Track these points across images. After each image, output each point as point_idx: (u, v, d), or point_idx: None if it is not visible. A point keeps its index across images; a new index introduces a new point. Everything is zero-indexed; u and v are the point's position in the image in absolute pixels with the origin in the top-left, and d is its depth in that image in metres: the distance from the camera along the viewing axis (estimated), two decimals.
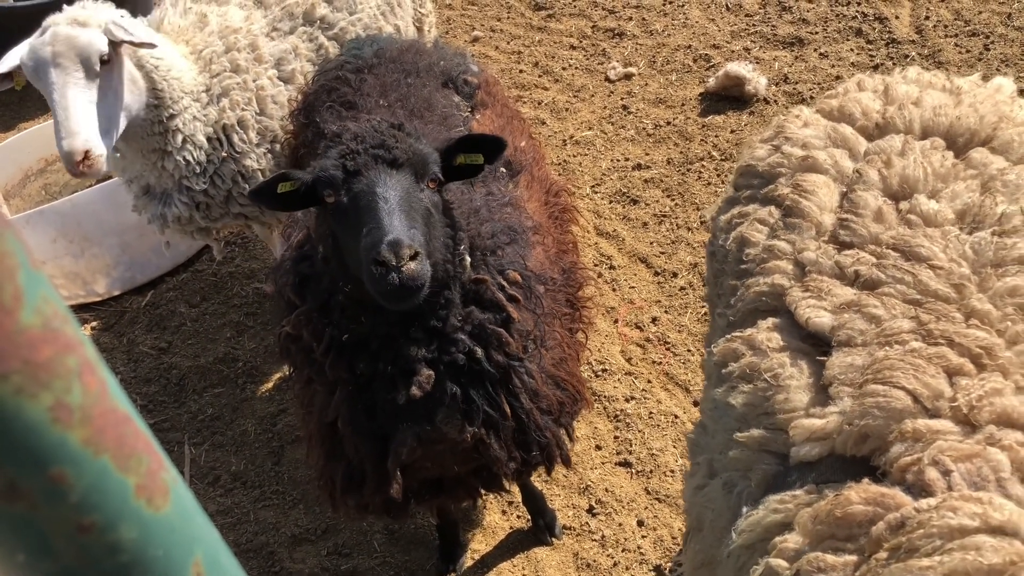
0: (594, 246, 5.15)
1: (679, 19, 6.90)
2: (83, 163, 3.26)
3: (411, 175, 2.33)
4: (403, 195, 2.25)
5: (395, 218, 2.18)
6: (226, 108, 3.87)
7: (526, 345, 2.63)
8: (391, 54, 3.57)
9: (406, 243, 2.12)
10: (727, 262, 2.34)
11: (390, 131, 2.37)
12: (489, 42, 7.11)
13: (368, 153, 2.30)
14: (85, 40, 3.30)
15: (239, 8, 4.10)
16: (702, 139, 5.76)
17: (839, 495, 1.54)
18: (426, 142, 2.44)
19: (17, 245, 0.46)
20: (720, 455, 1.99)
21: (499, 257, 2.60)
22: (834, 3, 6.64)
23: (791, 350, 1.88)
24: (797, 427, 1.72)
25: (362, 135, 2.35)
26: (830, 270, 1.95)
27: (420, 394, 2.45)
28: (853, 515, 1.49)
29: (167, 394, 4.76)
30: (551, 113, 6.24)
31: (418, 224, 2.25)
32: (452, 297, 2.46)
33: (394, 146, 2.31)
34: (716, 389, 2.07)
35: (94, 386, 0.50)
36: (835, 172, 2.20)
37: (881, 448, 1.57)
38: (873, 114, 2.31)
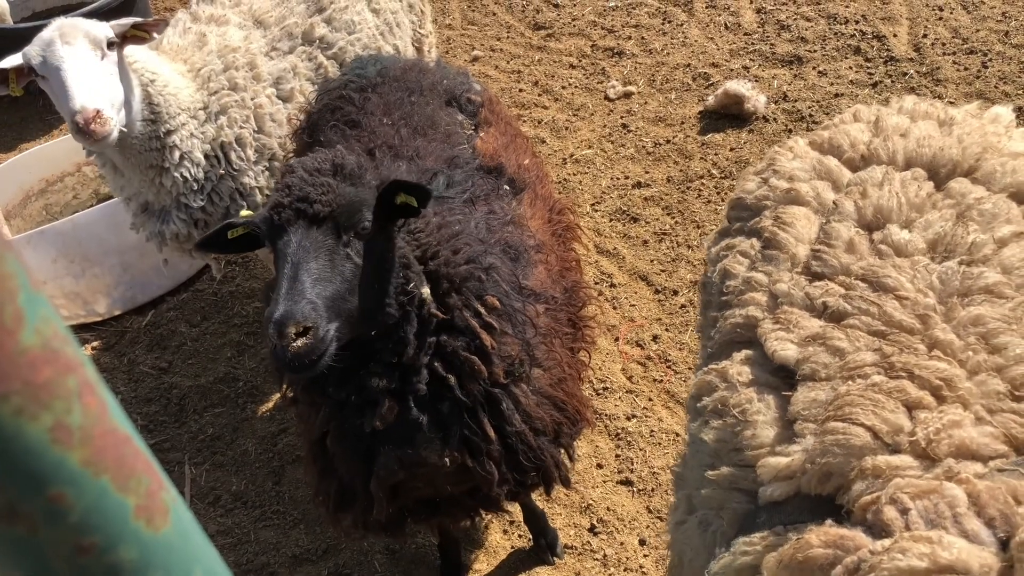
0: (595, 264, 5.15)
1: (678, 38, 6.93)
2: (95, 120, 3.21)
3: (332, 230, 2.29)
4: (316, 256, 2.24)
5: (294, 288, 2.16)
6: (224, 126, 3.89)
7: (510, 370, 2.61)
8: (394, 73, 3.59)
9: (294, 320, 2.11)
10: (712, 294, 2.35)
11: (321, 179, 2.33)
12: (489, 61, 7.15)
13: (291, 207, 2.28)
14: (91, 23, 3.38)
15: (238, 28, 4.13)
16: (702, 157, 5.78)
17: (800, 539, 1.52)
18: (370, 179, 2.41)
19: (17, 266, 0.46)
20: (696, 491, 1.97)
21: (480, 282, 2.57)
22: (832, 21, 6.67)
23: (759, 384, 1.86)
24: (764, 465, 1.70)
25: (290, 185, 2.32)
26: (800, 302, 1.94)
27: (381, 425, 2.47)
28: (814, 559, 1.47)
29: (167, 414, 4.75)
30: (551, 132, 6.26)
31: (329, 286, 2.23)
32: (406, 334, 2.44)
33: (316, 199, 2.27)
34: (692, 423, 2.06)
35: (94, 406, 0.50)
36: (816, 204, 2.20)
37: (844, 486, 1.55)
38: (860, 145, 2.31)
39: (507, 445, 2.66)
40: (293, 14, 4.26)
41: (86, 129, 3.20)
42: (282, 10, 4.26)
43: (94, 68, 3.31)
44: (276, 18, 4.22)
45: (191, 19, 4.17)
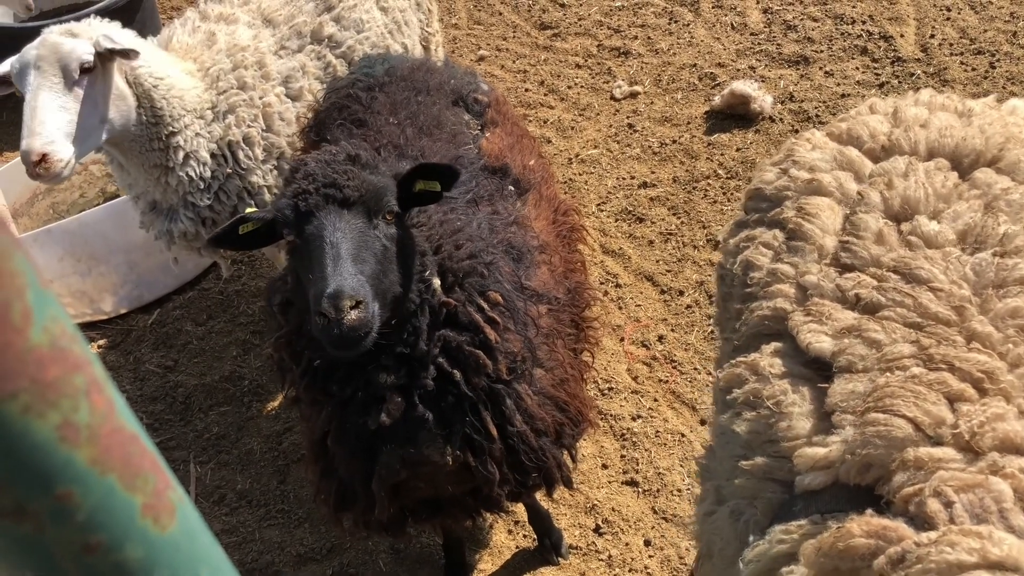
0: (600, 264, 5.15)
1: (684, 38, 6.92)
2: (39, 165, 3.26)
3: (363, 213, 2.31)
4: (352, 237, 2.25)
5: (340, 266, 2.18)
6: (232, 125, 3.89)
7: (513, 367, 2.61)
8: (402, 72, 3.59)
9: (347, 294, 2.12)
10: (733, 286, 2.33)
11: (342, 167, 2.35)
12: (495, 61, 7.15)
13: (319, 193, 2.29)
14: (68, 47, 3.35)
15: (247, 27, 4.13)
16: (708, 157, 5.77)
17: (841, 527, 1.52)
18: (385, 169, 2.43)
19: (26, 264, 0.46)
20: (727, 482, 1.97)
21: (483, 277, 2.58)
22: (839, 22, 6.66)
23: (793, 376, 1.86)
24: (801, 456, 1.70)
25: (313, 173, 2.33)
26: (831, 294, 1.94)
27: (389, 421, 2.46)
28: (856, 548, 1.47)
29: (173, 412, 4.76)
30: (557, 132, 6.26)
31: (367, 265, 2.25)
32: (419, 324, 2.45)
33: (345, 184, 2.30)
34: (722, 415, 2.06)
35: (101, 405, 0.50)
36: (839, 195, 2.20)
37: (884, 477, 1.56)
38: (880, 136, 2.30)
39: (509, 445, 2.66)
40: (302, 12, 4.26)
41: (31, 172, 3.28)
42: (291, 8, 4.26)
43: (56, 101, 3.33)
44: (285, 16, 4.23)
45: (200, 17, 4.18)
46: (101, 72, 3.45)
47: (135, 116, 3.62)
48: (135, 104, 3.60)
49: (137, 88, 3.61)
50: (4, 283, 0.44)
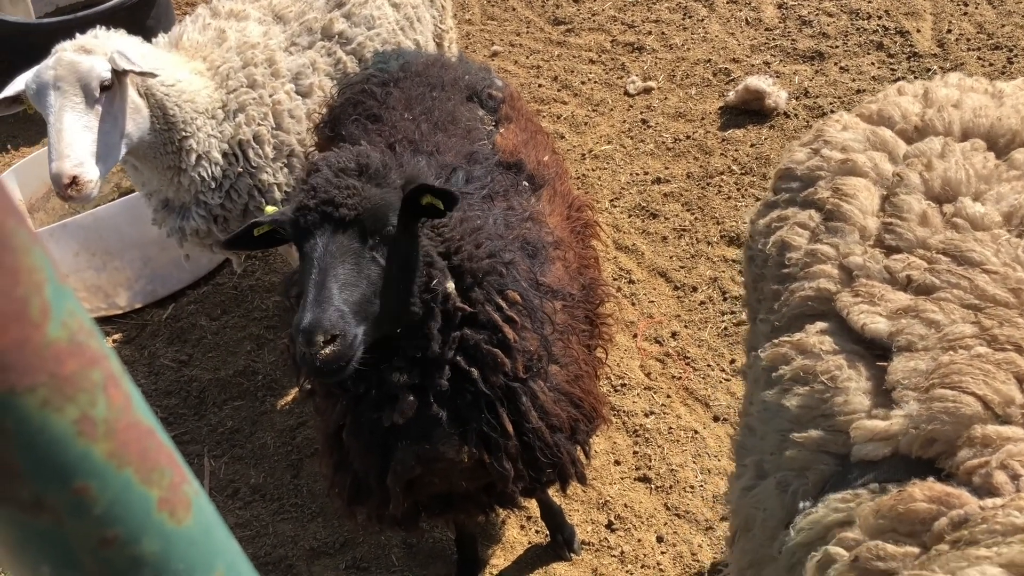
0: (613, 260, 5.14)
1: (699, 33, 6.90)
2: (71, 187, 3.29)
3: (358, 234, 2.30)
4: (343, 261, 2.25)
5: (322, 295, 2.18)
6: (242, 124, 3.90)
7: (529, 365, 2.61)
8: (417, 68, 3.59)
9: (322, 328, 2.14)
10: (767, 267, 2.34)
11: (347, 181, 2.33)
12: (508, 56, 7.14)
13: (317, 210, 2.28)
14: (87, 66, 3.35)
15: (258, 24, 4.14)
16: (722, 153, 5.75)
17: (903, 491, 1.55)
18: (395, 178, 2.41)
19: (44, 260, 0.47)
20: (771, 456, 2.00)
21: (501, 276, 2.58)
22: (854, 17, 6.62)
23: (846, 353, 1.89)
24: (859, 428, 1.73)
25: (315, 187, 2.32)
26: (879, 275, 1.95)
27: (401, 420, 2.48)
28: (916, 511, 1.50)
29: (187, 407, 4.79)
30: (570, 127, 6.25)
31: (356, 291, 2.24)
32: (430, 331, 2.45)
33: (343, 202, 2.27)
34: (766, 392, 2.08)
35: (118, 399, 0.51)
36: (875, 175, 2.20)
37: (948, 452, 1.58)
38: (912, 117, 2.29)
39: (524, 442, 2.66)
40: (313, 9, 4.26)
41: (63, 195, 3.32)
42: (302, 5, 4.26)
43: (79, 121, 3.35)
44: (296, 13, 4.23)
45: (211, 14, 4.19)
46: (118, 88, 3.47)
47: (149, 125, 3.63)
48: (148, 114, 3.62)
49: (149, 99, 3.62)
50: (23, 279, 0.44)
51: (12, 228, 0.44)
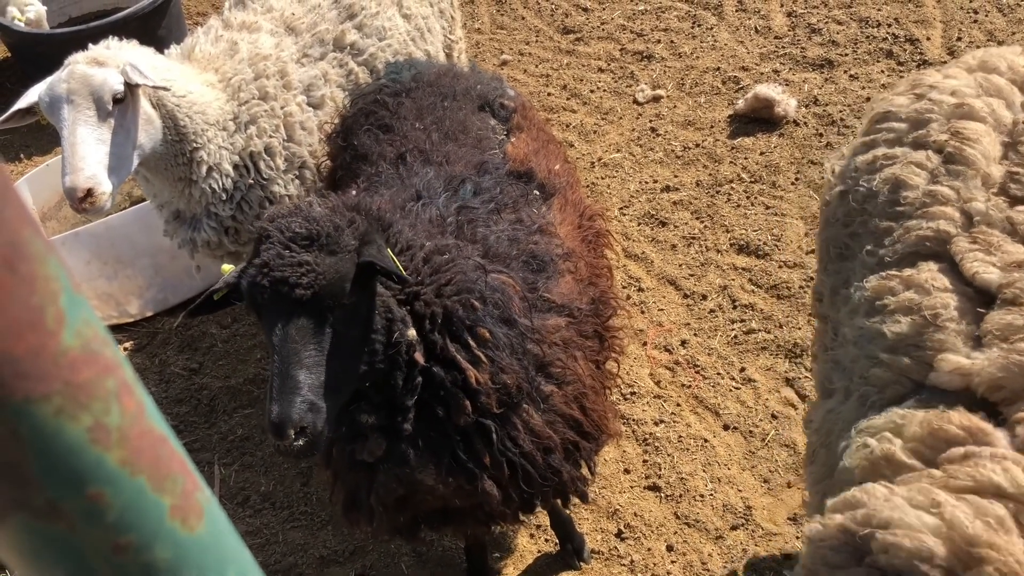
0: (623, 268, 5.14)
1: (708, 41, 6.90)
2: (85, 200, 3.30)
3: (316, 310, 2.24)
4: (303, 345, 2.22)
5: (285, 385, 2.18)
6: (253, 136, 3.91)
7: (506, 400, 2.55)
8: (429, 78, 3.60)
9: (291, 422, 2.16)
10: (874, 202, 2.36)
11: (297, 258, 2.23)
12: (518, 65, 7.16)
13: (272, 288, 2.22)
14: (100, 79, 3.35)
15: (270, 35, 4.16)
16: (731, 161, 5.75)
17: (946, 412, 1.66)
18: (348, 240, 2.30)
19: (60, 269, 0.47)
20: (859, 379, 2.09)
21: (474, 310, 2.51)
22: (864, 25, 6.61)
23: (954, 293, 1.95)
24: (943, 359, 1.82)
25: (267, 264, 2.24)
26: (1000, 224, 1.98)
27: (371, 459, 2.51)
28: (946, 432, 1.62)
29: (198, 414, 4.81)
30: (579, 135, 6.26)
31: (318, 372, 2.23)
32: (395, 381, 2.45)
33: (297, 283, 2.20)
34: (867, 319, 2.14)
35: (132, 407, 0.51)
36: (993, 121, 2.20)
37: (1009, 400, 1.67)
38: (1020, 68, 2.30)
39: (511, 466, 2.64)
40: (324, 20, 4.28)
41: (77, 208, 3.33)
42: (314, 16, 4.28)
43: (93, 135, 3.35)
44: (308, 24, 4.24)
45: (223, 26, 4.21)
46: (131, 100, 3.48)
47: (161, 136, 3.65)
48: (160, 125, 3.63)
49: (161, 110, 3.62)
50: (39, 287, 0.45)
51: (28, 237, 0.45)
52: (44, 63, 4.43)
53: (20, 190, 5.41)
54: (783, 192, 5.42)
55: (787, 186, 5.46)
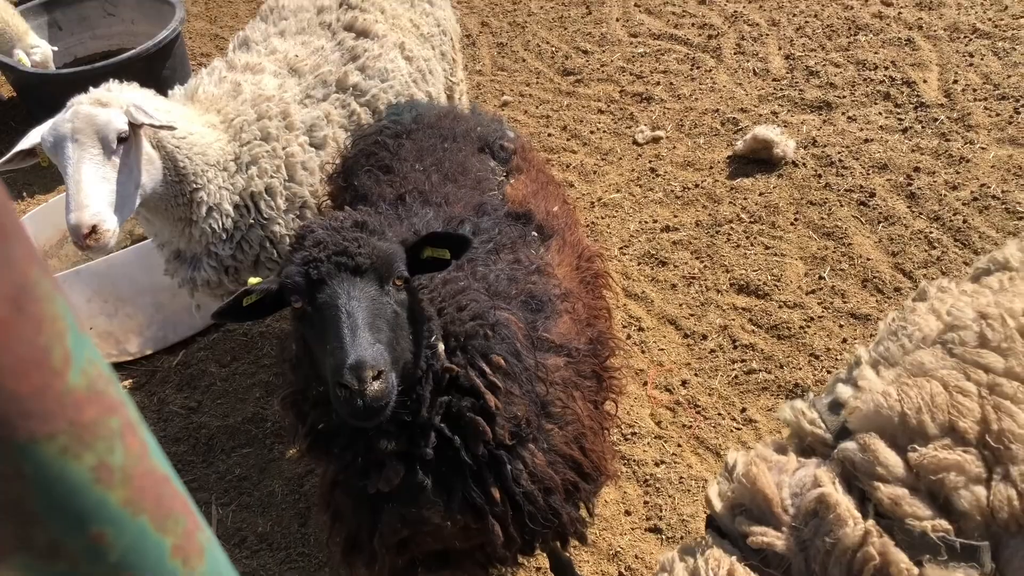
0: (623, 308, 5.14)
1: (706, 84, 6.97)
2: (90, 237, 3.29)
3: (375, 279, 2.29)
4: (367, 305, 2.23)
5: (358, 335, 2.15)
6: (254, 176, 3.93)
7: (516, 431, 2.55)
8: (429, 120, 3.63)
9: (369, 364, 2.10)
10: None
11: (352, 234, 2.32)
12: (518, 106, 7.22)
13: (331, 261, 2.26)
14: (104, 118, 3.38)
15: (273, 76, 4.20)
16: (731, 201, 5.78)
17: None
18: (392, 235, 2.41)
19: (66, 308, 0.48)
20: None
21: (486, 339, 2.53)
22: (861, 68, 6.69)
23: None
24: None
25: (323, 241, 2.31)
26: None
27: (387, 488, 2.44)
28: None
29: (195, 454, 4.78)
30: (579, 176, 6.30)
31: (383, 334, 2.22)
32: (423, 392, 2.42)
33: (356, 252, 2.27)
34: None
35: (135, 447, 0.51)
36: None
37: None
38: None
39: (515, 504, 2.61)
40: (328, 62, 4.33)
41: (81, 244, 3.32)
42: (317, 58, 4.33)
43: (97, 173, 3.37)
44: (311, 66, 4.29)
45: (227, 67, 4.25)
46: (134, 140, 3.50)
47: (161, 177, 3.66)
48: (161, 165, 3.65)
49: (161, 150, 3.65)
50: (46, 327, 0.45)
51: (36, 277, 0.45)
52: (49, 102, 4.48)
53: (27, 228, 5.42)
54: (782, 232, 5.44)
55: (786, 226, 5.48)
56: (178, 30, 7.26)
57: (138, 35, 7.95)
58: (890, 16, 7.19)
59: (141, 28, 8.05)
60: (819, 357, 4.59)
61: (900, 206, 5.40)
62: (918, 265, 4.97)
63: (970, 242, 5.02)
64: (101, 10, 8.39)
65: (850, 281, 4.99)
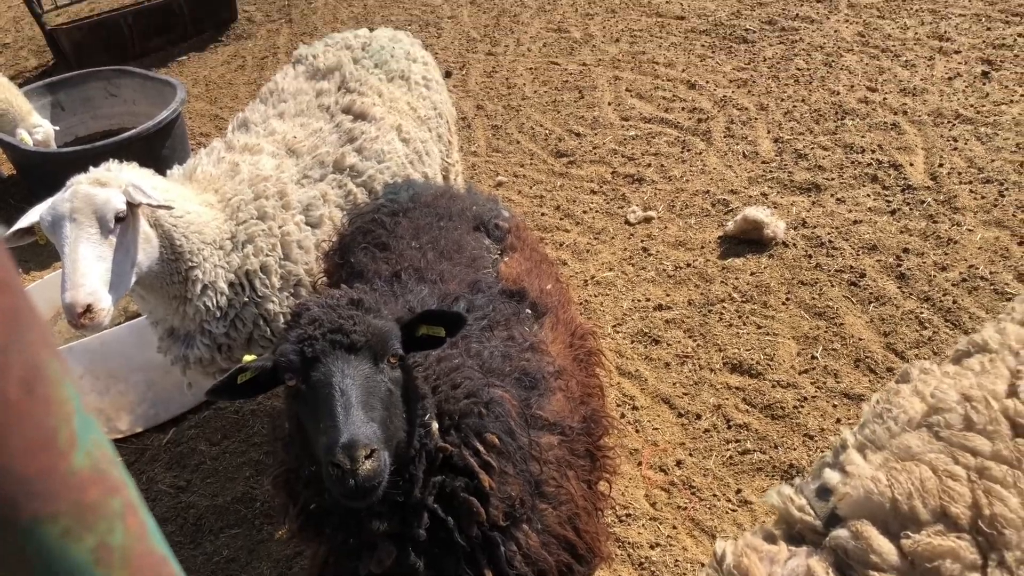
0: (616, 386, 5.13)
1: (697, 166, 7.10)
2: (84, 315, 3.30)
3: (370, 357, 2.30)
4: (361, 383, 2.23)
5: (351, 414, 2.16)
6: (250, 254, 3.96)
7: (510, 512, 2.53)
8: (426, 199, 3.69)
9: (362, 443, 2.10)
10: None
11: (347, 312, 2.35)
12: (512, 186, 7.33)
13: (325, 338, 2.28)
14: (103, 198, 3.42)
15: (271, 157, 4.27)
16: (722, 281, 5.83)
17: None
18: (388, 313, 2.44)
19: (73, 391, 0.49)
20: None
21: (480, 417, 2.53)
22: (849, 151, 6.83)
23: None
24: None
25: (319, 319, 2.33)
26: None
27: (379, 570, 2.42)
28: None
29: (183, 534, 4.69)
30: (572, 254, 6.36)
31: (377, 411, 2.23)
32: (416, 472, 2.41)
33: (352, 329, 2.29)
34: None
35: (135, 527, 0.52)
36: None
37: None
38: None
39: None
40: (325, 144, 4.41)
41: (76, 324, 3.33)
42: (315, 140, 4.41)
43: (94, 252, 3.39)
44: (309, 147, 4.37)
45: (226, 148, 4.33)
46: (131, 219, 3.54)
47: (158, 255, 3.69)
48: (158, 244, 3.68)
49: (158, 229, 3.68)
50: (53, 410, 0.46)
51: (47, 360, 0.47)
52: (49, 181, 4.54)
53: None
54: (774, 312, 5.48)
55: (778, 306, 5.52)
56: (178, 111, 7.40)
57: (139, 115, 8.10)
58: (875, 101, 7.37)
59: (142, 108, 8.21)
60: (813, 437, 4.57)
61: (890, 286, 5.45)
62: (910, 345, 4.99)
63: (960, 323, 5.06)
64: (104, 91, 8.56)
65: (843, 361, 5.00)
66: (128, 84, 8.50)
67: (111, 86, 8.55)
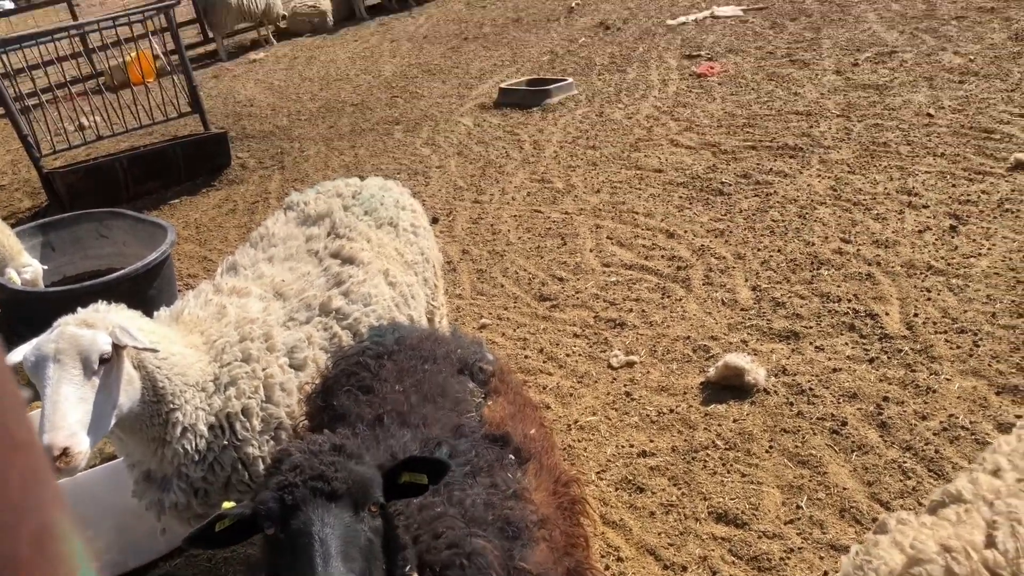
0: (601, 536, 5.03)
1: (677, 312, 7.22)
2: (61, 459, 3.26)
3: (350, 505, 2.30)
4: (340, 533, 2.22)
5: (330, 565, 2.14)
6: (232, 397, 3.95)
7: None
8: (411, 342, 3.73)
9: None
10: None
11: (330, 458, 2.35)
12: (496, 329, 7.40)
13: (306, 486, 2.28)
14: (88, 340, 3.43)
15: (259, 300, 4.32)
16: (705, 427, 5.82)
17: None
18: (370, 459, 2.44)
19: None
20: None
21: (462, 569, 2.49)
22: (825, 300, 6.97)
23: None
24: None
25: (300, 465, 2.33)
26: None
27: None
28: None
29: None
30: (556, 398, 6.36)
31: (357, 562, 2.20)
32: None
33: (333, 476, 2.29)
34: None
35: None
36: None
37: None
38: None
39: None
40: (313, 287, 4.47)
41: (51, 467, 3.27)
42: (303, 283, 4.48)
43: (76, 393, 3.37)
44: (296, 290, 4.43)
45: (213, 291, 4.38)
46: (116, 360, 3.54)
47: (139, 396, 3.68)
48: (140, 386, 3.68)
49: (142, 370, 3.68)
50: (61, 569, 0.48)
51: (57, 518, 0.48)
52: (36, 320, 4.54)
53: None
54: (758, 460, 5.45)
55: (762, 454, 5.50)
56: (167, 252, 7.50)
57: (128, 256, 8.20)
58: (849, 252, 7.59)
59: (132, 250, 8.32)
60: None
61: (872, 435, 5.46)
62: (894, 495, 4.96)
63: (944, 472, 5.04)
64: (95, 232, 8.69)
65: (828, 511, 4.95)
66: (119, 226, 8.65)
67: (102, 227, 8.69)
